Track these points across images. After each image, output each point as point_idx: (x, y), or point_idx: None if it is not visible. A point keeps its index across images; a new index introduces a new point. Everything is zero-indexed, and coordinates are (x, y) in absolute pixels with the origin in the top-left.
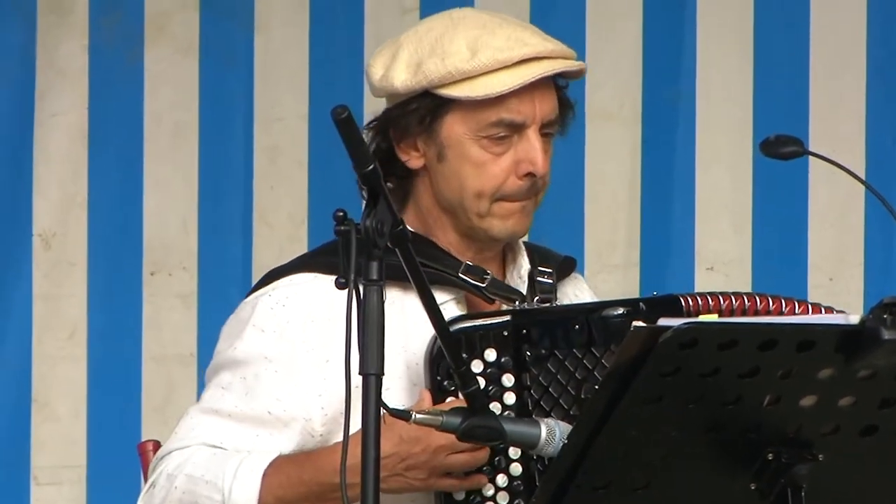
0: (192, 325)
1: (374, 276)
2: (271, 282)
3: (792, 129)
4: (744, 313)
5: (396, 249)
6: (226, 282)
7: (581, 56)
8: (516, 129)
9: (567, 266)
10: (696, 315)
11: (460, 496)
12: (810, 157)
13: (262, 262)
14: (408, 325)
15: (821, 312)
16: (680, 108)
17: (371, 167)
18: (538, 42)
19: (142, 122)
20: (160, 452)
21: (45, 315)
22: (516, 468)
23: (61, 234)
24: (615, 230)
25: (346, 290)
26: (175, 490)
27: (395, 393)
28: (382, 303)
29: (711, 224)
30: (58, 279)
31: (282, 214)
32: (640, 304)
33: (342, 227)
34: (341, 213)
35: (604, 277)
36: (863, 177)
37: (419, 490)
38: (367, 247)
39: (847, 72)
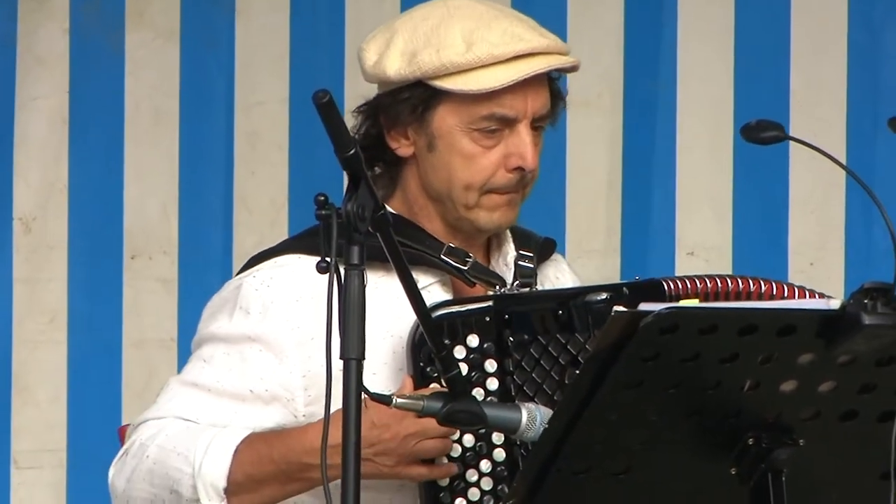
0: (173, 309)
1: (356, 261)
2: (256, 264)
3: (772, 115)
4: (727, 296)
5: (378, 234)
6: (206, 266)
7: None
8: (508, 123)
9: (547, 248)
10: (679, 299)
11: (444, 481)
12: (791, 143)
13: (242, 247)
14: (394, 310)
15: (804, 295)
16: (660, 94)
17: (352, 151)
18: (533, 37)
19: (122, 107)
20: (136, 420)
21: (26, 299)
22: (500, 454)
23: (41, 218)
24: (596, 216)
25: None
26: (146, 459)
27: (381, 379)
28: (364, 287)
29: (692, 210)
30: (38, 263)
31: (262, 199)
32: (623, 288)
33: (323, 212)
34: (322, 198)
35: (584, 263)
36: (844, 162)
37: (387, 477)
38: (348, 231)
39: (828, 57)
